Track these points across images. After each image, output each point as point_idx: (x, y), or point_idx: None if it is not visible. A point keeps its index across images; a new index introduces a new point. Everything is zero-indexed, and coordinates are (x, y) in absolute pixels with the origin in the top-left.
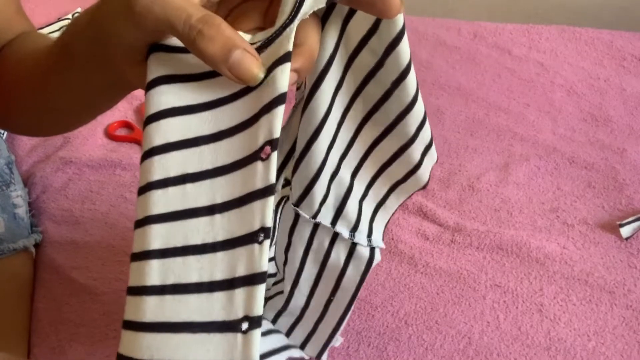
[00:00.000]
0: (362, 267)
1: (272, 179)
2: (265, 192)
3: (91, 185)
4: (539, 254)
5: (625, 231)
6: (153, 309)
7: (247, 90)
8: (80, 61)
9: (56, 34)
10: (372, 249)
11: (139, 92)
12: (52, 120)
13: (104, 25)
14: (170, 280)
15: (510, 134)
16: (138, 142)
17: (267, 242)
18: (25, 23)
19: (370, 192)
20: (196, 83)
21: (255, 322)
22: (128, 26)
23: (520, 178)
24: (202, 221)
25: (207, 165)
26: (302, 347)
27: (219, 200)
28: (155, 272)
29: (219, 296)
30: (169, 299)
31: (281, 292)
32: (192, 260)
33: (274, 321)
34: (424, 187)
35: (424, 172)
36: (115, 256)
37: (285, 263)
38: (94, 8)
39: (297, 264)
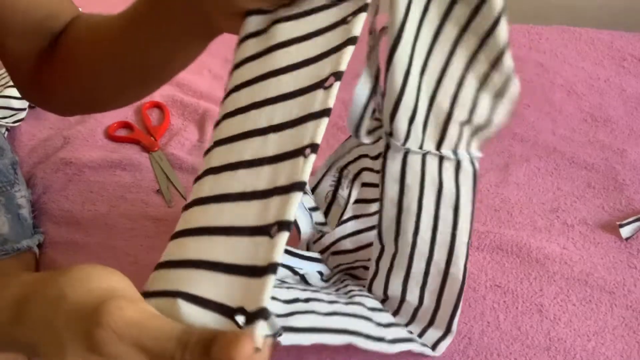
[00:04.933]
0: (471, 182)
1: (330, 104)
2: (322, 114)
3: (91, 186)
4: (539, 254)
5: (625, 231)
6: (198, 216)
7: (321, 32)
8: (175, 13)
9: None
10: (472, 162)
11: None
12: (138, 85)
13: None
14: (217, 191)
15: (510, 135)
16: (138, 143)
17: (312, 157)
18: (74, 7)
19: (475, 115)
20: (279, 26)
21: (284, 226)
22: None
23: (520, 178)
24: (256, 140)
25: (272, 93)
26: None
27: (276, 122)
28: (207, 186)
29: (256, 203)
30: (213, 206)
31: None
32: (240, 172)
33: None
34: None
35: (514, 80)
36: (116, 257)
37: (397, 236)
38: None
39: (415, 208)
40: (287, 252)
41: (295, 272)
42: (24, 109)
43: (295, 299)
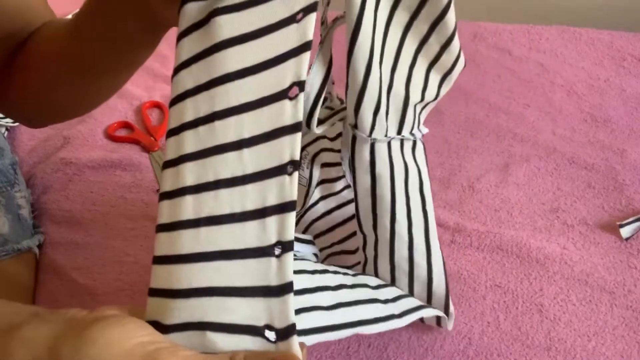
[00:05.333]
0: (424, 157)
1: (301, 117)
2: (295, 128)
3: (91, 186)
4: (539, 255)
5: (625, 231)
6: (189, 240)
7: (271, 29)
8: (115, 5)
9: None
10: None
11: (139, 93)
12: (94, 85)
13: None
14: (204, 213)
15: (511, 135)
16: (138, 143)
17: (296, 174)
18: (50, 12)
19: (426, 94)
20: (220, 19)
21: (287, 246)
22: None
23: (520, 178)
24: (230, 156)
25: (233, 102)
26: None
27: (246, 135)
28: (189, 207)
29: (252, 224)
30: (203, 230)
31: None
32: (223, 193)
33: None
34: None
35: (462, 57)
36: (116, 257)
37: (375, 225)
38: None
39: (389, 196)
40: None
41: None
42: None
43: (303, 289)
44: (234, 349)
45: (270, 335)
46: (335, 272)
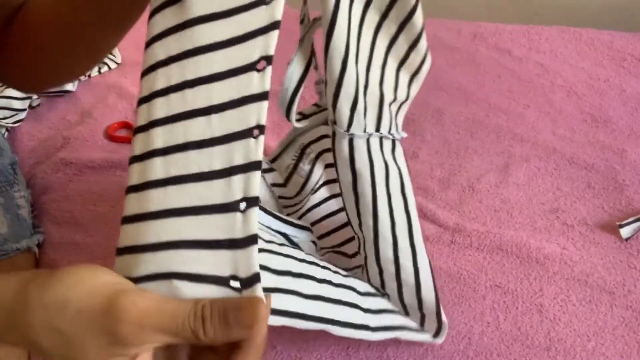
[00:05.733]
0: (404, 160)
1: (267, 87)
2: (261, 97)
3: (91, 186)
4: (539, 255)
5: (625, 232)
6: (158, 199)
7: (240, 10)
8: None
9: None
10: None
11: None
12: (83, 48)
13: None
14: (173, 173)
15: (511, 135)
16: None
17: (262, 137)
18: None
19: (397, 93)
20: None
21: (252, 201)
22: None
23: (520, 179)
24: (199, 120)
25: (204, 72)
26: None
27: (215, 102)
28: (159, 168)
29: (218, 183)
30: (172, 188)
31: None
32: (192, 154)
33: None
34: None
35: (428, 57)
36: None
37: (360, 223)
38: None
39: (370, 193)
40: (282, 220)
41: (290, 241)
42: (24, 110)
43: (287, 271)
44: (200, 297)
45: (235, 284)
46: (325, 267)
